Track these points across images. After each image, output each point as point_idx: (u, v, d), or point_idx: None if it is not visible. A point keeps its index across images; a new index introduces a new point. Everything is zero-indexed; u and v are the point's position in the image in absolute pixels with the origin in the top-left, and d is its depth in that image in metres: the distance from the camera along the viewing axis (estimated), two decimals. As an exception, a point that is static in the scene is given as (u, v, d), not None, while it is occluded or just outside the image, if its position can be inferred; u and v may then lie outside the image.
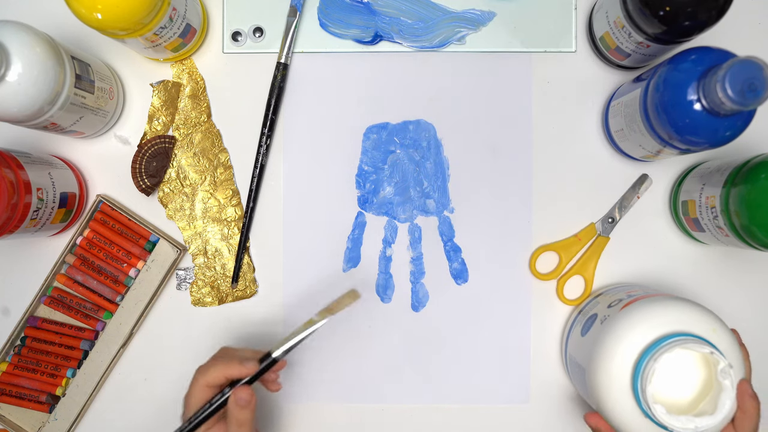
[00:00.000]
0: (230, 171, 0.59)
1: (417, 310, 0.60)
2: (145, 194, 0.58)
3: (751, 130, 0.45)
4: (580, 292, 0.59)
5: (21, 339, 0.59)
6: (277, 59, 0.59)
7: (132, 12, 0.47)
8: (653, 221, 0.59)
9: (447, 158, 0.60)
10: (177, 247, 0.58)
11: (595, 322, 0.51)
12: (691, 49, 0.46)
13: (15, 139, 0.59)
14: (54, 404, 0.58)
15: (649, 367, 0.44)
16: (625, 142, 0.55)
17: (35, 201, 0.52)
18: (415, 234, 0.60)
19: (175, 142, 0.59)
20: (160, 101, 0.59)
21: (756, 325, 0.58)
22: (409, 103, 0.60)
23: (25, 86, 0.46)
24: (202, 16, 0.58)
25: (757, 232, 0.47)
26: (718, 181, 0.50)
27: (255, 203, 0.59)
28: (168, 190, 0.59)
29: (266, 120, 0.59)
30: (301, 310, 0.59)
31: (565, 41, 0.59)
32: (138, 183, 0.58)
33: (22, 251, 0.60)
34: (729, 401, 0.44)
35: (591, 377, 0.48)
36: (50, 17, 0.55)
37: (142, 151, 0.57)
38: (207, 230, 0.59)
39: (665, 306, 0.47)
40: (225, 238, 0.59)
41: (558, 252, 0.59)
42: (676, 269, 0.59)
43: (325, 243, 0.60)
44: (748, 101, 0.41)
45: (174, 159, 0.59)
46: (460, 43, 0.59)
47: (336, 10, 0.59)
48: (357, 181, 0.60)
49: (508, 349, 0.59)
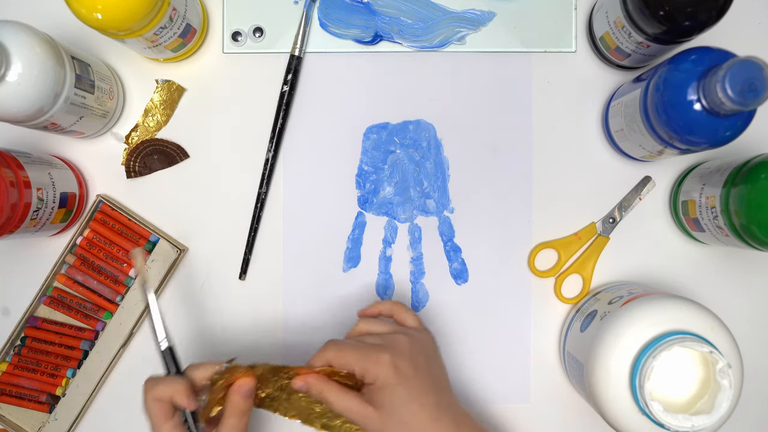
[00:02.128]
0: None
1: (417, 310, 0.60)
2: (126, 175, 0.59)
3: (751, 130, 0.45)
4: (578, 290, 0.59)
5: (21, 339, 0.59)
6: (291, 52, 0.59)
7: (132, 12, 0.47)
8: (653, 221, 0.59)
9: (447, 158, 0.60)
10: (177, 247, 0.58)
11: (595, 319, 0.51)
12: (691, 49, 0.46)
13: (15, 139, 0.59)
14: (54, 404, 0.58)
15: (648, 365, 0.44)
16: (625, 142, 0.55)
17: (35, 201, 0.52)
18: (415, 234, 0.60)
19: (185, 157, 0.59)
20: (160, 99, 0.60)
21: (756, 325, 0.58)
22: (409, 103, 0.60)
23: (25, 86, 0.46)
24: (202, 16, 0.58)
25: (757, 232, 0.47)
26: (718, 181, 0.50)
27: (266, 196, 0.59)
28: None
29: (278, 116, 0.59)
30: (301, 311, 0.59)
31: (565, 41, 0.59)
32: (128, 163, 0.58)
33: (22, 251, 0.60)
34: (727, 401, 0.44)
35: (589, 373, 0.48)
36: (50, 17, 0.55)
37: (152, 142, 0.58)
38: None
39: (665, 304, 0.47)
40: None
41: (557, 249, 0.59)
42: (676, 269, 0.59)
43: (325, 243, 0.60)
44: (748, 101, 0.41)
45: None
46: (460, 43, 0.59)
47: (336, 10, 0.59)
48: (357, 181, 0.60)
49: (508, 349, 0.59)
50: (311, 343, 0.59)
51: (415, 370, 0.45)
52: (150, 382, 0.45)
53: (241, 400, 0.45)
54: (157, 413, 0.45)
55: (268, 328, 0.60)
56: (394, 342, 0.46)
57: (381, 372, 0.44)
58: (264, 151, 0.59)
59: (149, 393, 0.45)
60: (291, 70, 0.59)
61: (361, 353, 0.45)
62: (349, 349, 0.46)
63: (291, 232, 0.60)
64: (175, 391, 0.44)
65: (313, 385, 0.45)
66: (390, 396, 0.44)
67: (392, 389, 0.44)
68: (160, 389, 0.45)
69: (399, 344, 0.46)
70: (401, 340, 0.47)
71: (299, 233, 0.60)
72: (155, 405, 0.45)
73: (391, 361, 0.45)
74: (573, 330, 0.55)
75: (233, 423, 0.45)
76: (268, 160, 0.59)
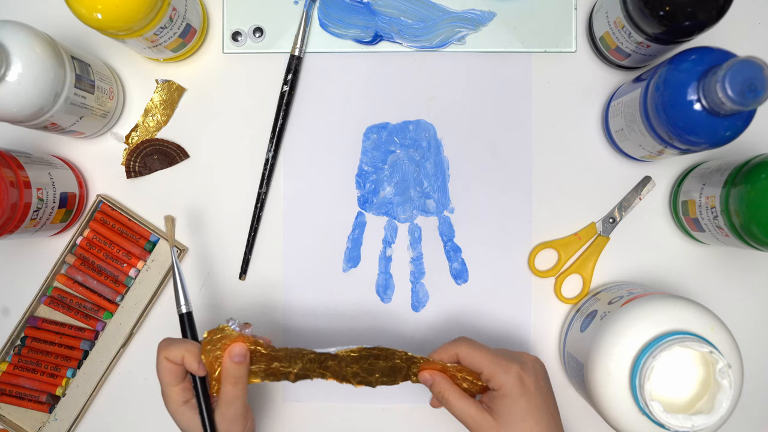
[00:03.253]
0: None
1: (417, 310, 0.60)
2: (126, 175, 0.59)
3: (751, 130, 0.45)
4: (577, 290, 0.59)
5: (21, 339, 0.59)
6: (291, 52, 0.59)
7: (132, 12, 0.47)
8: (653, 221, 0.59)
9: (447, 158, 0.60)
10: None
11: (595, 319, 0.51)
12: (691, 49, 0.46)
13: (15, 139, 0.59)
14: (54, 404, 0.58)
15: (648, 365, 0.44)
16: (625, 142, 0.55)
17: (35, 201, 0.52)
18: (415, 234, 0.60)
19: (185, 157, 0.59)
20: (160, 99, 0.60)
21: (756, 325, 0.58)
22: (409, 103, 0.60)
23: (25, 86, 0.46)
24: (202, 16, 0.58)
25: (757, 232, 0.47)
26: (718, 181, 0.50)
27: (266, 196, 0.59)
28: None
29: (277, 116, 0.59)
30: (301, 311, 0.59)
31: (565, 41, 0.59)
32: (128, 163, 0.58)
33: (22, 251, 0.60)
34: (727, 401, 0.44)
35: (589, 373, 0.48)
36: (50, 17, 0.55)
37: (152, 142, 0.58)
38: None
39: (665, 304, 0.47)
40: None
41: (557, 249, 0.59)
42: (676, 269, 0.59)
43: (325, 243, 0.60)
44: (748, 101, 0.41)
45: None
46: (460, 43, 0.59)
47: (336, 10, 0.59)
48: (357, 181, 0.60)
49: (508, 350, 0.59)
50: (311, 343, 0.59)
51: (537, 388, 0.47)
52: (164, 342, 0.47)
53: (232, 365, 0.45)
54: (168, 373, 0.46)
55: (268, 328, 0.60)
56: (522, 356, 0.48)
57: (508, 381, 0.46)
58: (264, 151, 0.59)
59: (162, 352, 0.46)
60: (291, 70, 0.59)
61: (492, 357, 0.46)
62: (482, 351, 0.47)
63: (291, 232, 0.60)
64: (187, 352, 0.46)
65: (438, 383, 0.48)
66: (510, 406, 0.46)
67: (514, 400, 0.46)
68: (173, 349, 0.46)
69: (526, 360, 0.48)
70: (529, 357, 0.48)
71: (299, 233, 0.60)
72: (167, 365, 0.46)
73: (519, 372, 0.46)
74: (573, 330, 0.55)
75: (228, 389, 0.46)
76: (268, 160, 0.59)
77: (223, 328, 0.45)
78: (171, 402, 0.47)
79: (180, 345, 0.46)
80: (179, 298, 0.49)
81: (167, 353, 0.46)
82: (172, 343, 0.46)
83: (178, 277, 0.49)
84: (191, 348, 0.46)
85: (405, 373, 0.49)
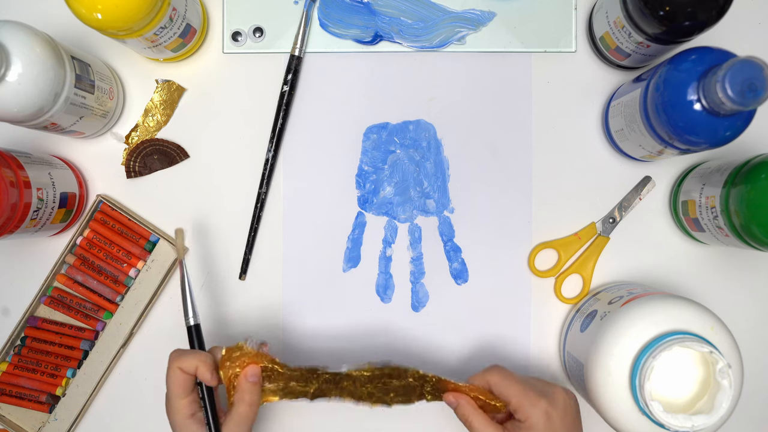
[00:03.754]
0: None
1: (417, 310, 0.60)
2: (126, 175, 0.59)
3: (751, 130, 0.45)
4: (577, 290, 0.59)
5: (21, 339, 0.59)
6: (291, 52, 0.59)
7: (132, 12, 0.47)
8: (653, 221, 0.59)
9: (447, 158, 0.60)
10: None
11: (595, 319, 0.51)
12: (691, 49, 0.46)
13: (15, 139, 0.59)
14: (54, 404, 0.58)
15: (648, 365, 0.44)
16: (625, 142, 0.55)
17: (35, 201, 0.52)
18: (415, 234, 0.60)
19: (185, 157, 0.59)
20: (160, 99, 0.60)
21: (756, 325, 0.58)
22: (409, 103, 0.60)
23: (25, 86, 0.46)
24: (202, 16, 0.58)
25: (757, 232, 0.47)
26: (718, 181, 0.50)
27: (266, 196, 0.59)
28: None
29: (277, 116, 0.59)
30: (301, 311, 0.59)
31: (565, 41, 0.59)
32: (128, 163, 0.58)
33: (22, 251, 0.60)
34: (727, 401, 0.44)
35: (589, 373, 0.48)
36: (50, 17, 0.55)
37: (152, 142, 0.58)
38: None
39: (665, 304, 0.47)
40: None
41: (557, 249, 0.59)
42: (676, 269, 0.59)
43: (325, 243, 0.60)
44: (748, 101, 0.41)
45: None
46: (460, 43, 0.59)
47: (336, 10, 0.59)
48: (357, 181, 0.60)
49: (508, 350, 0.59)
50: (311, 343, 0.59)
51: (563, 425, 0.47)
52: (176, 353, 0.47)
53: (248, 385, 0.46)
54: (179, 384, 0.46)
55: (268, 328, 0.60)
56: (553, 391, 0.48)
57: (534, 414, 0.46)
58: (264, 151, 0.59)
59: (175, 361, 0.46)
60: (291, 70, 0.59)
61: (522, 389, 0.47)
62: (514, 382, 0.47)
63: (291, 232, 0.60)
64: (201, 362, 0.46)
65: (462, 406, 0.48)
66: None
67: None
68: (186, 359, 0.46)
69: (557, 396, 0.48)
70: (560, 392, 0.48)
71: (299, 233, 0.60)
72: (178, 375, 0.46)
73: (546, 408, 0.46)
74: (573, 330, 0.55)
75: (242, 410, 0.46)
76: (268, 160, 0.59)
77: (241, 346, 0.46)
78: (177, 414, 0.46)
79: (193, 355, 0.46)
80: (188, 311, 0.49)
81: (180, 363, 0.46)
82: (185, 354, 0.46)
83: (188, 290, 0.50)
84: (205, 358, 0.46)
85: (419, 392, 0.49)
